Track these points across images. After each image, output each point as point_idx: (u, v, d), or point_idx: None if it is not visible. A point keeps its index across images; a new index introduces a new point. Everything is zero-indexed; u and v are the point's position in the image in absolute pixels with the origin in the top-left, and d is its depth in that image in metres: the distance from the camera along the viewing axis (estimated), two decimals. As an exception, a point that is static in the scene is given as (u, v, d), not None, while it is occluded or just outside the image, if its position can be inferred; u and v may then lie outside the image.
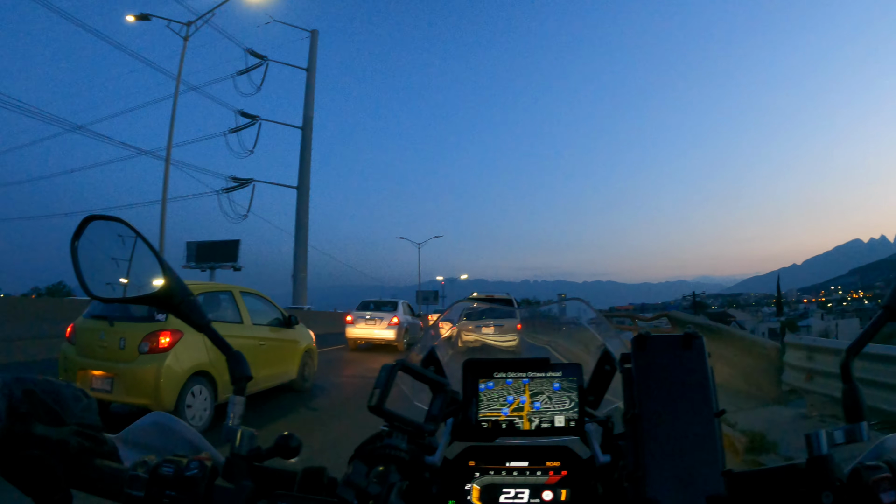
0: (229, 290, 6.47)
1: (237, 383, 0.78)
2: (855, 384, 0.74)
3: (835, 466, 0.71)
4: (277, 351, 6.91)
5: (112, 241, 0.81)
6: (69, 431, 0.64)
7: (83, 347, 5.38)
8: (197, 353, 5.34)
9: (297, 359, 7.42)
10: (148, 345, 5.04)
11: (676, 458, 0.73)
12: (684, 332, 0.82)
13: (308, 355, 7.77)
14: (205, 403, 5.43)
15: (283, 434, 0.74)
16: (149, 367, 4.96)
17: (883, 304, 0.76)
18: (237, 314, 6.33)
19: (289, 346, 7.25)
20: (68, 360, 5.43)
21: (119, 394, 5.07)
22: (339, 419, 6.06)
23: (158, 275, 0.77)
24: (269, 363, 6.65)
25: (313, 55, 24.18)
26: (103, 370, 5.15)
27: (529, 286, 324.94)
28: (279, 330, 7.04)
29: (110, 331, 5.23)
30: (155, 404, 4.91)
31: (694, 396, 0.77)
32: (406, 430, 0.84)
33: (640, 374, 0.79)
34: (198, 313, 0.80)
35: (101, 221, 0.80)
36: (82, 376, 5.22)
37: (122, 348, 5.11)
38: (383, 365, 0.86)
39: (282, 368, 7.04)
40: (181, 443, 0.80)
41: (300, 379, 7.49)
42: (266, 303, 7.16)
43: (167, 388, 4.97)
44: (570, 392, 1.08)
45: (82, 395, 0.68)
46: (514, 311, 2.87)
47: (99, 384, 5.15)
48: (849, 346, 0.77)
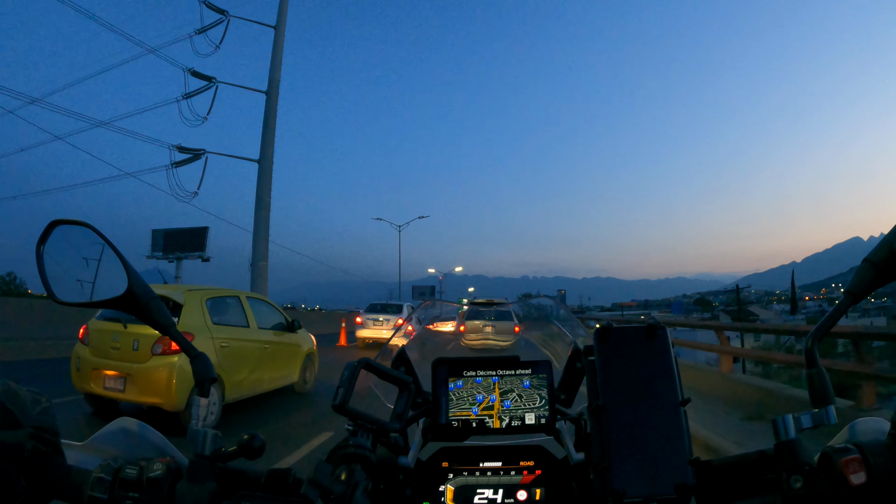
0: (236, 295, 6.77)
1: (201, 385, 0.79)
2: (820, 368, 0.75)
3: (803, 451, 0.72)
4: (281, 354, 7.21)
5: (77, 245, 0.81)
6: (25, 434, 0.64)
7: (97, 348, 5.61)
8: (209, 356, 5.62)
9: (299, 362, 7.74)
10: (161, 347, 5.31)
11: (642, 448, 0.73)
12: (647, 323, 0.82)
13: (309, 359, 8.10)
14: (214, 403, 5.71)
15: (246, 435, 0.75)
16: (162, 368, 5.23)
17: (846, 290, 0.78)
18: (244, 318, 6.63)
19: (291, 350, 7.56)
20: (81, 360, 5.66)
21: (131, 393, 5.32)
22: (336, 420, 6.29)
23: (122, 277, 0.79)
24: (273, 366, 6.96)
25: (283, 10, 21.02)
26: (116, 370, 5.40)
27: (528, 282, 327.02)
28: (282, 334, 7.34)
29: (124, 333, 5.47)
30: (166, 403, 5.20)
31: (658, 386, 0.77)
32: (370, 428, 0.84)
33: (603, 366, 0.80)
34: (162, 315, 0.81)
35: (67, 226, 0.81)
36: (95, 375, 5.50)
37: (135, 349, 5.36)
38: (347, 363, 0.86)
39: (285, 371, 7.36)
40: (147, 446, 0.81)
41: (302, 381, 7.80)
42: (270, 307, 7.48)
43: (179, 389, 5.24)
44: (540, 389, 1.08)
45: (41, 399, 0.68)
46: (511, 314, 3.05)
47: (112, 384, 5.42)
48: (813, 330, 0.78)
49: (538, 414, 1.07)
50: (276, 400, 7.19)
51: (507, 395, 1.08)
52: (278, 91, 20.52)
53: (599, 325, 0.86)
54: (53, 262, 0.79)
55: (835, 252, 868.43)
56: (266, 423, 6.05)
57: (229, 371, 5.97)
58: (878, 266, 0.75)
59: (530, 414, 1.07)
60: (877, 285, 0.76)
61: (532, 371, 1.09)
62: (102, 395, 5.55)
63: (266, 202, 19.96)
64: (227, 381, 5.89)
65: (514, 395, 1.08)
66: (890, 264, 0.74)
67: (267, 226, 19.90)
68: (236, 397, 6.19)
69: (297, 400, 7.51)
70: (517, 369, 1.09)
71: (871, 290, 0.77)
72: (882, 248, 0.75)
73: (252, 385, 6.50)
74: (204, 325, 5.82)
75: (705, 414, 6.56)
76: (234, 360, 6.10)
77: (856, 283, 0.76)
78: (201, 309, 5.90)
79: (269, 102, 20.26)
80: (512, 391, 1.08)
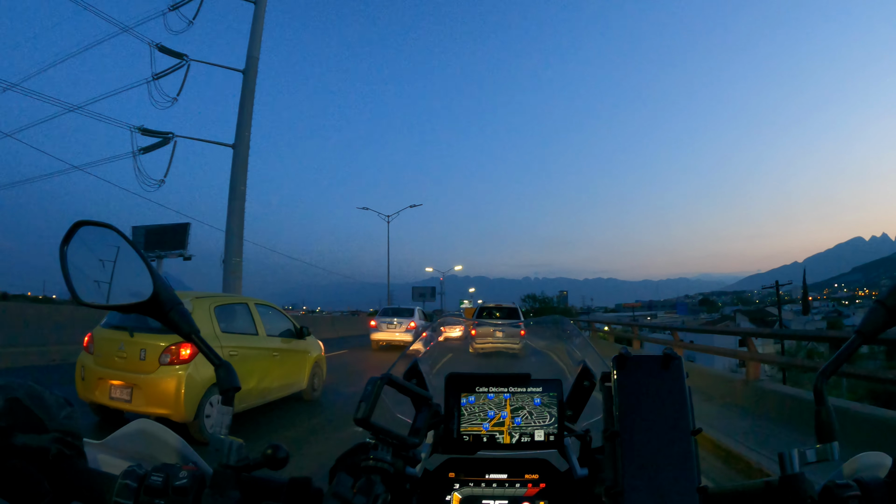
0: (245, 302, 6.67)
1: (225, 394, 0.80)
2: (828, 406, 0.78)
3: (807, 484, 0.75)
4: (290, 362, 7.12)
5: (101, 247, 0.82)
6: (50, 438, 0.65)
7: (102, 357, 5.49)
8: (217, 365, 5.53)
9: (307, 369, 7.64)
10: (169, 356, 5.19)
11: (653, 474, 0.75)
12: (663, 352, 0.85)
13: (317, 365, 7.99)
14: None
15: (270, 444, 0.76)
16: (170, 378, 5.12)
17: (857, 330, 0.79)
18: (252, 326, 6.53)
19: (300, 357, 7.46)
20: (86, 369, 5.54)
21: (139, 403, 5.19)
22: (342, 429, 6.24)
23: (147, 282, 0.79)
24: (282, 374, 6.86)
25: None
26: (123, 380, 5.28)
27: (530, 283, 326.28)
28: (290, 341, 7.24)
29: (130, 341, 5.34)
30: (175, 414, 5.09)
31: (671, 415, 0.79)
32: (391, 442, 0.85)
33: (621, 393, 0.82)
34: (186, 322, 0.81)
35: (91, 227, 0.82)
36: (101, 385, 5.37)
37: (142, 359, 5.23)
38: (370, 378, 0.88)
39: (294, 379, 7.26)
40: (167, 451, 0.82)
41: (310, 389, 7.71)
42: (278, 314, 7.38)
43: (188, 399, 5.15)
44: (550, 407, 1.11)
45: (65, 402, 0.70)
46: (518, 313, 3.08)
47: (118, 394, 5.30)
48: (822, 368, 0.80)
49: (547, 431, 1.10)
50: (284, 408, 7.10)
51: (518, 412, 1.10)
52: (257, 70, 18.73)
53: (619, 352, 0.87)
54: (77, 262, 0.79)
55: (837, 252, 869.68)
56: (273, 433, 5.94)
57: (239, 380, 5.83)
58: (890, 309, 0.77)
59: (540, 431, 1.10)
60: (888, 326, 0.78)
61: (543, 389, 1.12)
62: (108, 405, 5.42)
63: (241, 191, 18.09)
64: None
65: (524, 412, 1.11)
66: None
67: (241, 218, 18.03)
68: (245, 407, 6.10)
69: (306, 408, 7.41)
70: (528, 387, 1.12)
71: (882, 330, 0.79)
72: (894, 290, 0.77)
73: (261, 394, 6.40)
74: (212, 333, 5.72)
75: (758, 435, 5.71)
76: (244, 369, 5.98)
77: (866, 324, 0.78)
78: (210, 317, 5.80)
79: (246, 82, 18.48)
80: (523, 408, 1.11)
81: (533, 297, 73.58)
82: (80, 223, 0.81)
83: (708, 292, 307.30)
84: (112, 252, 0.81)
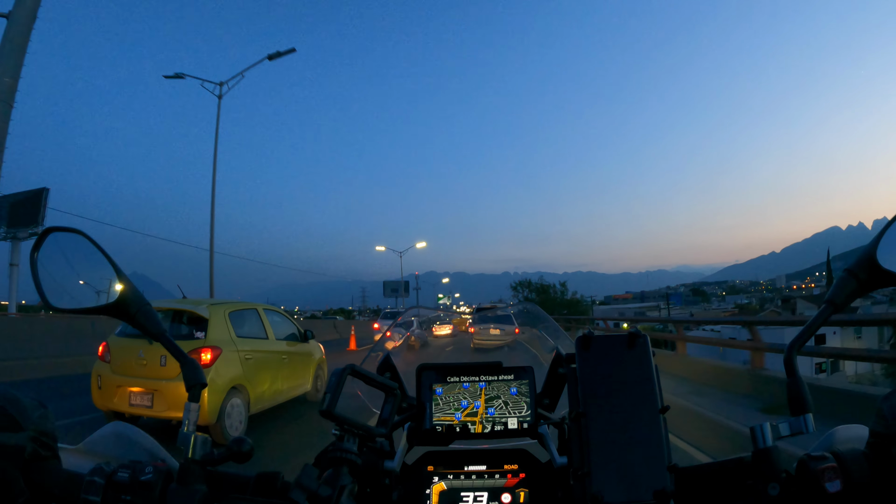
0: (254, 308, 7.08)
1: (191, 390, 0.82)
2: (798, 377, 0.78)
3: (781, 458, 0.75)
4: (296, 364, 7.55)
5: (71, 252, 0.84)
6: (26, 437, 0.67)
7: (119, 365, 5.72)
8: (234, 368, 5.93)
9: (311, 371, 8.10)
10: (190, 361, 5.52)
11: (621, 454, 0.76)
12: (628, 331, 0.85)
13: (320, 367, 8.45)
14: (241, 415, 6.01)
15: (235, 438, 0.79)
16: None
17: (826, 299, 0.80)
18: (262, 330, 6.93)
19: (305, 360, 7.90)
20: (103, 377, 5.76)
21: (160, 408, 5.46)
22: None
23: (115, 284, 0.83)
24: (290, 376, 7.29)
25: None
26: (143, 387, 5.53)
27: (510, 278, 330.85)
28: (296, 344, 7.66)
29: (150, 349, 5.57)
30: (199, 418, 5.44)
31: (638, 394, 0.80)
32: (356, 433, 0.87)
33: (584, 374, 0.82)
34: (153, 322, 0.84)
35: (60, 233, 0.85)
36: (120, 393, 5.64)
37: (163, 365, 5.48)
38: (334, 370, 0.89)
39: (300, 381, 7.71)
40: (139, 450, 0.85)
41: (314, 390, 8.16)
42: (284, 318, 7.81)
43: (211, 402, 5.50)
44: (524, 395, 1.12)
45: (39, 404, 0.71)
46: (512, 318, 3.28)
47: (138, 400, 5.56)
48: (791, 340, 0.81)
49: (521, 419, 1.12)
50: (292, 410, 7.51)
51: (492, 402, 1.12)
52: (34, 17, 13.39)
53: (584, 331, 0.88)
54: (47, 268, 0.83)
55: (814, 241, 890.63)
56: (285, 429, 6.39)
57: (253, 382, 6.25)
58: (859, 277, 0.79)
59: (513, 419, 1.12)
60: (857, 296, 0.81)
61: (515, 377, 1.14)
62: (127, 412, 5.65)
63: (9, 86, 12.65)
64: (251, 392, 6.18)
65: (500, 401, 1.13)
66: (871, 275, 0.79)
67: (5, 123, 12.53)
68: (260, 408, 6.50)
69: (311, 407, 7.84)
70: (500, 375, 1.14)
71: (852, 300, 0.81)
72: (863, 259, 0.79)
73: (273, 395, 6.82)
74: (229, 338, 6.08)
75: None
76: (257, 372, 6.38)
77: (836, 293, 0.80)
78: (225, 323, 6.16)
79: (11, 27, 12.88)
80: (498, 397, 1.13)
81: (527, 285, 58.58)
82: (49, 230, 0.84)
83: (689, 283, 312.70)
84: (81, 256, 0.84)
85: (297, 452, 5.48)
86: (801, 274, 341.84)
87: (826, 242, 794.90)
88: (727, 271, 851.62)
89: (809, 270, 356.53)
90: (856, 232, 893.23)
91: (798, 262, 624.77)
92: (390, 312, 21.48)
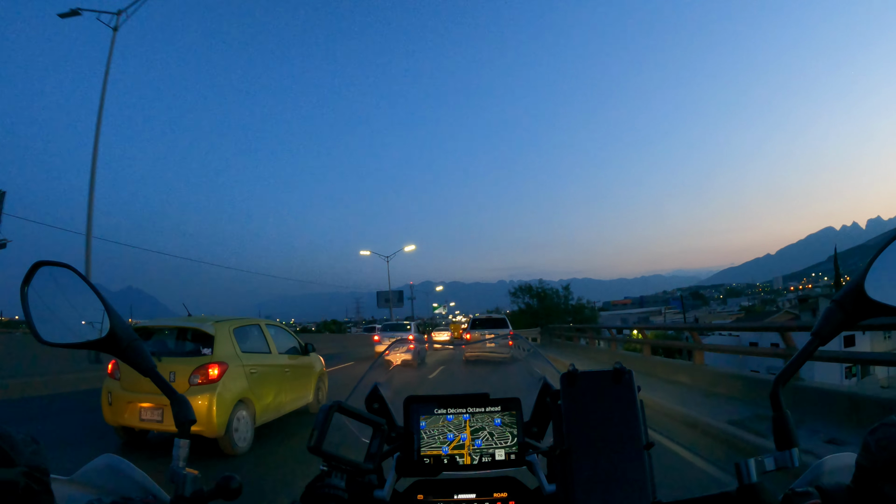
0: (257, 323, 7.37)
1: (181, 426, 0.83)
2: (784, 411, 0.78)
3: (766, 494, 0.75)
4: (298, 377, 7.83)
5: (61, 287, 0.86)
6: (18, 472, 0.66)
7: (129, 381, 5.94)
8: (240, 383, 6.21)
9: (313, 383, 8.38)
10: (198, 377, 5.81)
11: (606, 490, 0.77)
12: (613, 366, 0.87)
13: (321, 380, 8.74)
14: (247, 427, 6.28)
15: (224, 476, 0.80)
16: (201, 398, 5.70)
17: (813, 332, 0.80)
18: (265, 345, 7.21)
19: (306, 372, 8.19)
20: (113, 394, 6.00)
21: (170, 423, 5.41)
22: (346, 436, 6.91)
23: (104, 319, 0.84)
24: (292, 389, 7.57)
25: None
26: (153, 402, 5.77)
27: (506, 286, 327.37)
28: (297, 357, 7.95)
29: (159, 365, 5.63)
30: (207, 430, 5.70)
31: (623, 430, 0.81)
32: (345, 469, 0.88)
33: (569, 410, 0.83)
34: (143, 357, 0.86)
35: (50, 267, 0.86)
36: (130, 409, 5.88)
37: (172, 381, 5.73)
38: (321, 406, 0.92)
39: (302, 393, 7.98)
40: (130, 485, 0.86)
41: (315, 402, 8.43)
42: (285, 332, 8.12)
43: (219, 416, 5.76)
44: (510, 427, 1.14)
45: (31, 440, 0.71)
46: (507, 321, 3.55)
47: (149, 415, 5.81)
48: (777, 375, 0.82)
49: (508, 451, 1.14)
50: (293, 422, 7.75)
51: (478, 434, 1.14)
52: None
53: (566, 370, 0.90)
54: (38, 302, 0.84)
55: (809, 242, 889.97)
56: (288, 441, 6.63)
57: (259, 396, 6.52)
58: (846, 308, 0.78)
59: (501, 451, 1.14)
60: (844, 327, 0.79)
61: (502, 408, 1.16)
62: (138, 427, 5.92)
63: None
64: (257, 406, 6.45)
65: (485, 433, 1.15)
66: (858, 306, 0.77)
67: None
68: (265, 420, 6.77)
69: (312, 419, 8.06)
70: (487, 406, 1.16)
71: (838, 332, 0.80)
72: (849, 292, 0.77)
73: (277, 408, 7.09)
74: (234, 354, 6.36)
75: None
76: (262, 386, 6.66)
77: (822, 325, 0.79)
78: (230, 339, 6.43)
79: None
80: (483, 429, 1.15)
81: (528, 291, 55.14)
82: (39, 264, 0.86)
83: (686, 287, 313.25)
84: (70, 291, 0.86)
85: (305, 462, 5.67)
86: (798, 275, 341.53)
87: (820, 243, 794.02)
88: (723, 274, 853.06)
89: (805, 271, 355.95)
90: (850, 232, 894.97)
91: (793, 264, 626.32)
92: (389, 324, 23.33)
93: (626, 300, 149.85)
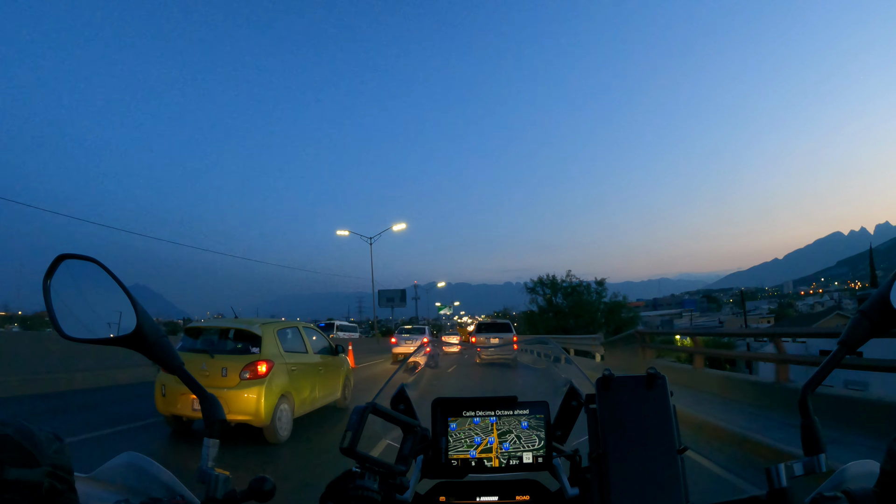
0: (295, 326, 8.18)
1: (211, 426, 0.84)
2: (813, 418, 0.81)
3: (795, 498, 0.79)
4: (329, 374, 8.63)
5: (85, 281, 0.83)
6: (42, 473, 0.65)
7: None
8: (283, 379, 6.97)
9: (341, 380, 9.16)
10: (248, 373, 6.53)
11: (641, 494, 0.79)
12: (647, 372, 0.88)
13: (347, 378, 9.52)
14: (288, 418, 7.03)
15: (256, 477, 0.81)
16: (251, 390, 6.43)
17: (840, 340, 0.82)
18: (303, 345, 8.01)
19: (336, 370, 8.98)
20: (167, 387, 6.69)
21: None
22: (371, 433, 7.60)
23: (131, 315, 0.82)
24: (324, 385, 8.36)
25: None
26: None
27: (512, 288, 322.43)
28: (328, 357, 8.73)
29: (211, 362, 6.58)
30: (255, 420, 6.43)
31: (657, 434, 0.83)
32: (378, 471, 0.88)
33: (605, 414, 0.85)
34: (170, 355, 0.86)
35: (73, 260, 0.83)
36: (182, 400, 6.59)
37: (224, 376, 6.50)
38: (355, 407, 0.93)
39: (332, 389, 8.78)
40: (155, 484, 0.86)
41: (343, 398, 9.22)
42: (318, 334, 8.89)
43: (266, 407, 6.49)
44: (538, 430, 1.14)
45: (55, 437, 0.69)
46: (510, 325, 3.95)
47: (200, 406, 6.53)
48: (805, 382, 0.83)
49: (535, 453, 1.14)
50: (325, 415, 8.53)
51: (506, 437, 1.14)
52: None
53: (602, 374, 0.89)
54: (61, 296, 0.82)
55: (816, 247, 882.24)
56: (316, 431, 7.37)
57: (297, 390, 7.29)
58: (872, 318, 0.80)
59: (528, 454, 1.13)
60: (870, 336, 0.81)
61: (530, 411, 1.16)
62: (190, 416, 6.63)
63: None
64: (296, 399, 7.22)
65: (512, 436, 1.14)
66: (884, 317, 0.79)
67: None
68: (301, 412, 7.55)
69: (342, 413, 8.92)
70: (515, 409, 1.16)
71: (865, 341, 0.82)
72: (876, 301, 0.79)
73: (312, 402, 7.88)
74: (279, 353, 7.12)
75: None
76: (300, 382, 7.44)
77: (849, 335, 0.81)
78: (275, 339, 7.20)
79: None
80: (510, 432, 1.14)
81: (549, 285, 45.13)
82: (62, 256, 0.83)
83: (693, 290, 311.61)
84: (95, 285, 0.83)
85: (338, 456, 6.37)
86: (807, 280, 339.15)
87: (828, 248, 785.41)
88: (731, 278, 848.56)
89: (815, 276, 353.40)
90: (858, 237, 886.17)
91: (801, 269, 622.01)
92: (405, 328, 25.54)
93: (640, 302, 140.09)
